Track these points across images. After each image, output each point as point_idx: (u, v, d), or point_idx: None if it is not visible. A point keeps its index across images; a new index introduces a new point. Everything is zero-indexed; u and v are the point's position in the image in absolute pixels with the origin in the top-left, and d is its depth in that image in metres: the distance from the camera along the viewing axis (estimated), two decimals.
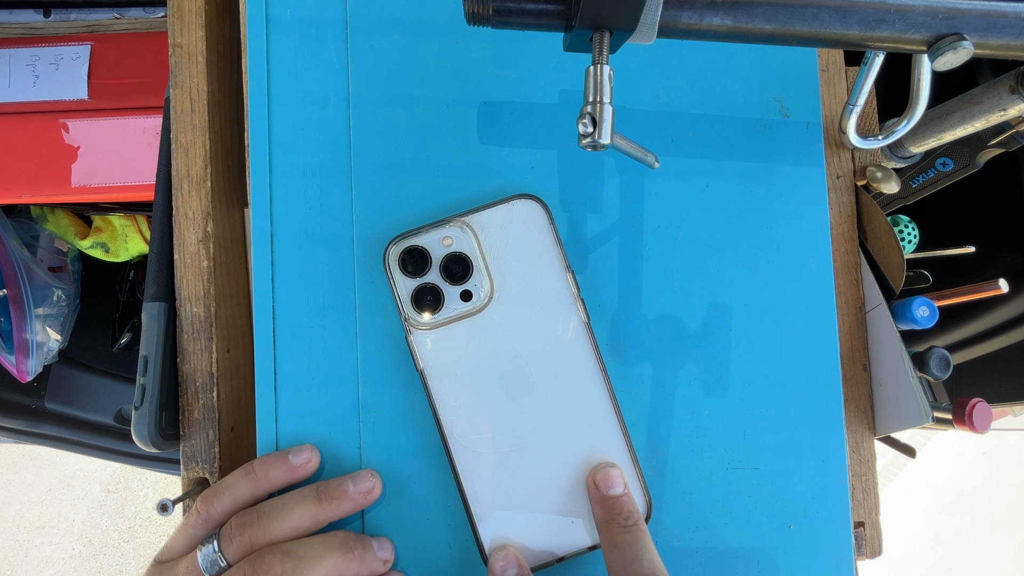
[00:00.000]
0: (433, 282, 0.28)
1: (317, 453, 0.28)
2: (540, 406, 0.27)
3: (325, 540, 0.25)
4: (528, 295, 0.28)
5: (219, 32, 0.33)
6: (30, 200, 0.52)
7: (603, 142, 0.23)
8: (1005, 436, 1.33)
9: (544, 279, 0.28)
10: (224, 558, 0.25)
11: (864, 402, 0.33)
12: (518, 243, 0.28)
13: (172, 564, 0.26)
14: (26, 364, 0.58)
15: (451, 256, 0.28)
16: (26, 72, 0.51)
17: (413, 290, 0.28)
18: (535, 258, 0.28)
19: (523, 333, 0.28)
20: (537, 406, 0.27)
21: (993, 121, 0.29)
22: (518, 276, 0.28)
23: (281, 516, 0.25)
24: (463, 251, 0.28)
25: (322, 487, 0.26)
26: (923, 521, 1.30)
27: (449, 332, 0.28)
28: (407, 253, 0.28)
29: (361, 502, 0.27)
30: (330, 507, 0.26)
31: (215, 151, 0.32)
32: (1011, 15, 0.22)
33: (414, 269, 0.28)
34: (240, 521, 0.25)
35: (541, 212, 0.28)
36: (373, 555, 0.26)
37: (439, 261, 0.28)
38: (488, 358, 0.28)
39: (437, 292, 0.28)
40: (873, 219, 0.33)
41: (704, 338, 0.30)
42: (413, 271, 0.28)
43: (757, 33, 0.23)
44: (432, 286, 0.28)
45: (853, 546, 0.30)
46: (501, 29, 0.23)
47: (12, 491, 1.29)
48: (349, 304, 0.29)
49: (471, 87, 0.31)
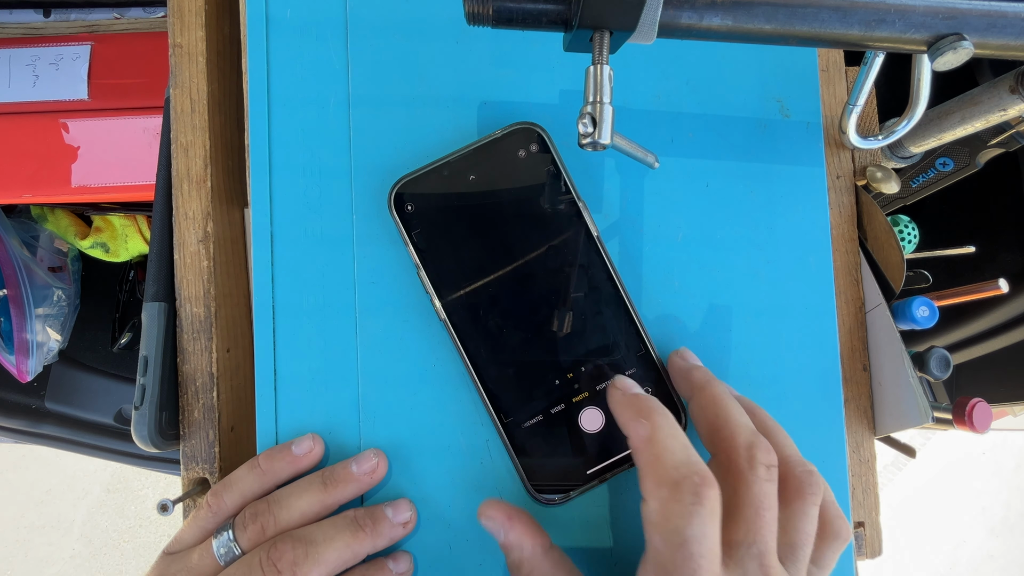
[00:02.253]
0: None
1: (320, 441, 0.28)
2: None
3: (335, 522, 0.25)
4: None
5: (219, 32, 0.33)
6: (30, 200, 0.52)
7: (603, 142, 0.23)
8: (1005, 436, 1.33)
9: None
10: (239, 546, 0.25)
11: (864, 402, 0.33)
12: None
13: (184, 554, 0.26)
14: (26, 364, 0.58)
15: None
16: (26, 72, 0.51)
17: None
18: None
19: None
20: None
21: (993, 121, 0.29)
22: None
23: (289, 504, 0.26)
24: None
25: (327, 473, 0.27)
26: (923, 521, 1.30)
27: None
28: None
29: (367, 482, 0.27)
30: (336, 491, 0.26)
31: (215, 151, 0.32)
32: (1011, 15, 0.22)
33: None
34: (252, 511, 0.26)
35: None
36: (387, 524, 0.26)
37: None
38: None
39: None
40: (873, 219, 0.33)
41: (704, 338, 0.30)
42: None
43: (757, 33, 0.23)
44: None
45: (853, 546, 0.30)
46: (501, 29, 0.23)
47: (12, 491, 1.29)
48: (349, 304, 0.29)
49: (471, 87, 0.31)
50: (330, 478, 0.26)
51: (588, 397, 0.27)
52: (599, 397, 0.27)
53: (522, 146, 0.28)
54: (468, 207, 0.28)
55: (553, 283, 0.28)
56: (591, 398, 0.27)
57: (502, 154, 0.28)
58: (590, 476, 0.27)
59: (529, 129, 0.28)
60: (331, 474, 0.27)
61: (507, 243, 0.28)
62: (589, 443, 0.27)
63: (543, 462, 0.27)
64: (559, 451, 0.27)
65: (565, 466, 0.27)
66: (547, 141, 0.28)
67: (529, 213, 0.28)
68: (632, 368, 0.28)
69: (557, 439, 0.27)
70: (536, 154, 0.28)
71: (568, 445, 0.27)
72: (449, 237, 0.28)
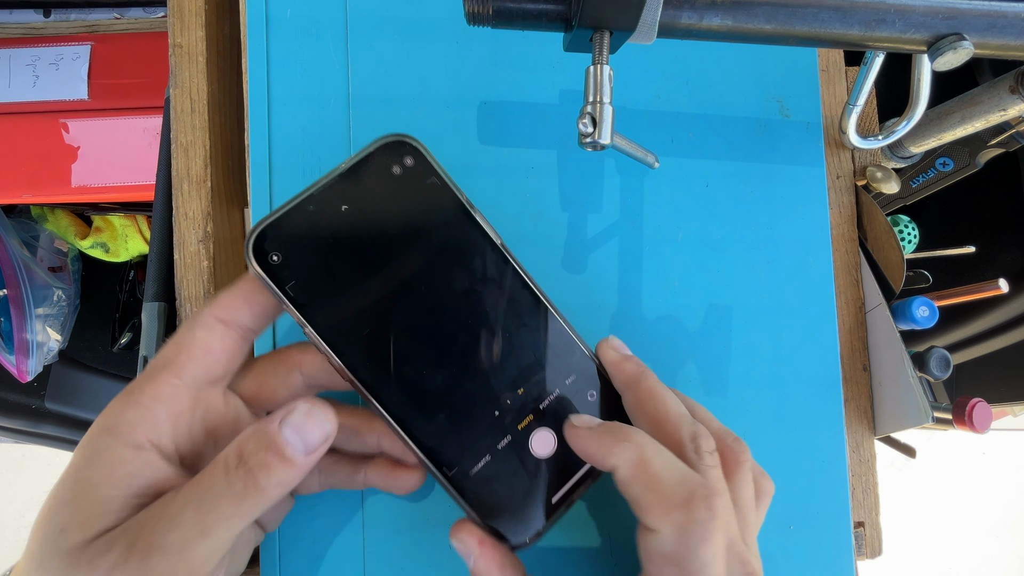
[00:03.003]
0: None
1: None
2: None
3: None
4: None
5: (219, 32, 0.33)
6: (30, 200, 0.52)
7: (603, 142, 0.23)
8: (1005, 436, 1.33)
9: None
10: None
11: (864, 402, 0.33)
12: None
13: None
14: (26, 364, 0.58)
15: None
16: (26, 72, 0.51)
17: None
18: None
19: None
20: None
21: (993, 121, 0.29)
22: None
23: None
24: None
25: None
26: (923, 521, 1.30)
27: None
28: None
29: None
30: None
31: (215, 151, 0.32)
32: (1011, 15, 0.22)
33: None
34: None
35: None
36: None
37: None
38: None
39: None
40: (873, 219, 0.33)
41: (704, 338, 0.30)
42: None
43: (757, 33, 0.23)
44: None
45: (853, 546, 0.30)
46: (501, 29, 0.23)
47: (12, 491, 1.29)
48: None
49: (471, 87, 0.31)
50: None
51: (534, 419, 0.24)
52: (545, 416, 0.25)
53: (395, 162, 0.24)
54: (347, 243, 0.23)
55: (465, 307, 0.24)
56: (537, 419, 0.24)
57: (373, 175, 0.24)
58: (556, 504, 0.24)
59: (398, 142, 0.24)
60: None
61: (402, 276, 0.24)
62: (547, 469, 0.24)
63: (502, 505, 0.24)
64: (517, 487, 0.24)
65: (527, 501, 0.24)
66: (422, 152, 0.24)
67: (419, 237, 0.24)
68: (571, 374, 0.25)
69: (512, 476, 0.24)
70: (412, 168, 0.24)
71: (525, 478, 0.24)
72: (332, 283, 0.23)
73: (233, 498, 0.18)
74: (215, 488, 0.18)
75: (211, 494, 0.18)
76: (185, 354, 0.21)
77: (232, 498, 0.18)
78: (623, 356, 0.26)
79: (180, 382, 0.21)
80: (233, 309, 0.22)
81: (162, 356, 0.21)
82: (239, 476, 0.18)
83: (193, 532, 0.18)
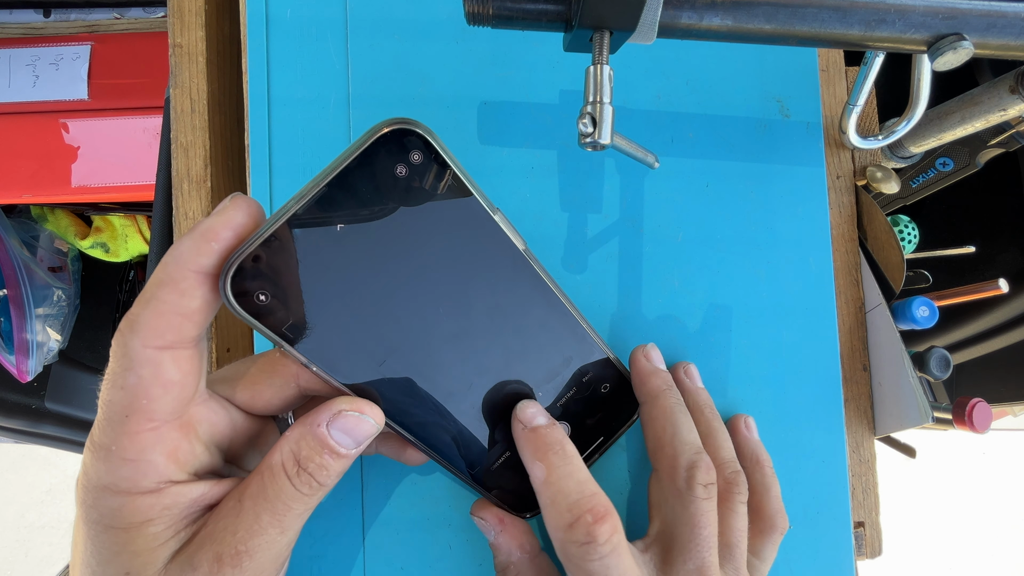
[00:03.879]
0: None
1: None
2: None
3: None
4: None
5: (219, 32, 0.33)
6: (30, 200, 0.52)
7: (603, 142, 0.23)
8: (1005, 436, 1.33)
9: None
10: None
11: (864, 402, 0.33)
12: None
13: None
14: (26, 364, 0.58)
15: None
16: (26, 72, 0.51)
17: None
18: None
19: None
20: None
21: (993, 121, 0.29)
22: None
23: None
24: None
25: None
26: (923, 521, 1.30)
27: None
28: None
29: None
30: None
31: (215, 151, 0.32)
32: (1011, 15, 0.22)
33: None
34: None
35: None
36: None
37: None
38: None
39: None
40: (873, 219, 0.33)
41: (704, 338, 0.30)
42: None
43: (757, 33, 0.23)
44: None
45: (853, 546, 0.30)
46: (501, 29, 0.23)
47: (12, 491, 1.29)
48: None
49: (471, 87, 0.31)
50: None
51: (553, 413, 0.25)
52: (560, 411, 0.25)
53: (398, 160, 0.19)
54: (347, 270, 0.20)
55: (478, 315, 0.22)
56: (558, 414, 0.25)
57: (372, 179, 0.19)
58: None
59: (401, 132, 0.19)
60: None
61: (416, 302, 0.21)
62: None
63: (519, 490, 0.25)
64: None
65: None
66: (432, 143, 0.19)
67: (433, 255, 0.20)
68: (589, 372, 0.25)
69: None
70: (420, 165, 0.19)
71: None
72: (336, 316, 0.20)
73: (303, 498, 0.20)
74: (284, 493, 0.20)
75: (282, 498, 0.20)
76: (145, 398, 0.18)
77: (300, 498, 0.20)
78: (652, 369, 0.27)
79: (157, 423, 0.19)
80: (167, 334, 0.18)
81: (116, 405, 0.18)
82: (303, 481, 0.20)
83: (275, 532, 0.20)
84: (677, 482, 0.24)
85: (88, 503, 0.19)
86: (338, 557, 0.28)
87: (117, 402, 0.18)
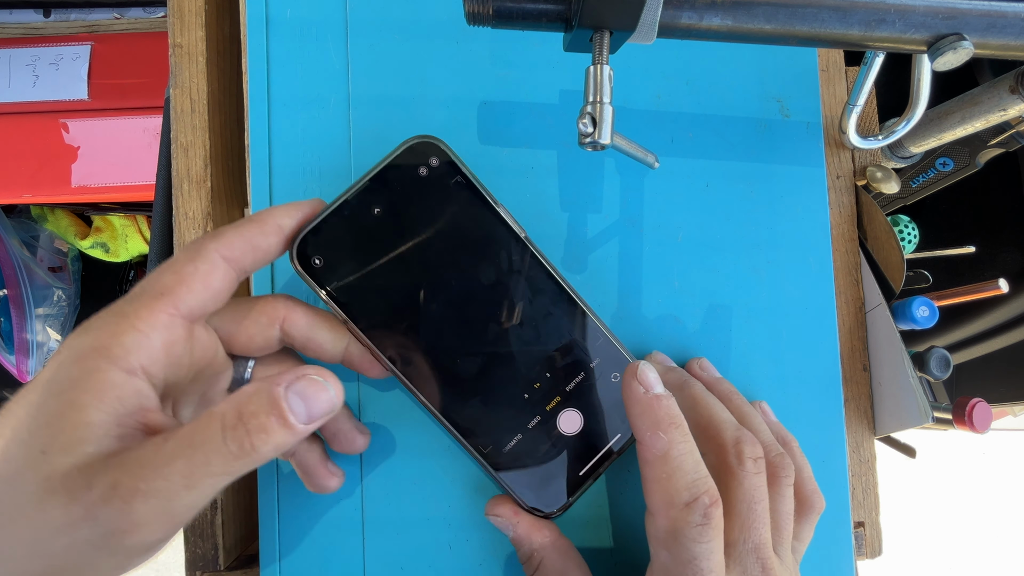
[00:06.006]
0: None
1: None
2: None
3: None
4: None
5: (219, 32, 0.33)
6: (30, 200, 0.52)
7: (603, 142, 0.23)
8: (1005, 436, 1.33)
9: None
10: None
11: (864, 402, 0.33)
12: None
13: None
14: (26, 364, 0.58)
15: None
16: (26, 72, 0.51)
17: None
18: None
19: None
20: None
21: (993, 121, 0.29)
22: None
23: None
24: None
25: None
26: (923, 521, 1.30)
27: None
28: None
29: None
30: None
31: (215, 151, 0.32)
32: (1011, 15, 0.22)
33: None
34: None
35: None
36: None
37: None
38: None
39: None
40: (873, 219, 0.33)
41: (704, 338, 0.30)
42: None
43: (757, 33, 0.23)
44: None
45: (853, 546, 0.30)
46: (501, 29, 0.23)
47: None
48: None
49: (471, 87, 0.31)
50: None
51: (561, 401, 0.27)
52: (571, 397, 0.27)
53: (421, 163, 0.26)
54: (382, 244, 0.26)
55: (494, 299, 0.26)
56: (564, 401, 0.27)
57: (402, 177, 0.26)
58: (584, 476, 0.27)
59: (424, 143, 0.26)
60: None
61: (435, 272, 0.26)
62: (574, 445, 0.27)
63: (534, 478, 0.26)
64: (547, 463, 0.26)
65: (557, 475, 0.26)
66: (447, 152, 0.26)
67: (448, 234, 0.26)
68: (596, 357, 0.27)
69: (542, 452, 0.26)
70: (438, 168, 0.26)
71: (554, 454, 0.27)
72: (371, 282, 0.25)
73: (226, 457, 0.18)
74: (209, 444, 0.18)
75: (204, 449, 0.18)
76: (186, 286, 0.20)
77: (225, 456, 0.18)
78: (665, 368, 0.27)
79: (178, 313, 0.20)
80: (238, 250, 0.22)
81: (159, 283, 0.20)
82: (235, 437, 0.18)
83: (179, 484, 0.17)
84: (728, 460, 0.23)
85: (61, 361, 0.18)
86: (338, 557, 0.28)
87: (161, 281, 0.20)
